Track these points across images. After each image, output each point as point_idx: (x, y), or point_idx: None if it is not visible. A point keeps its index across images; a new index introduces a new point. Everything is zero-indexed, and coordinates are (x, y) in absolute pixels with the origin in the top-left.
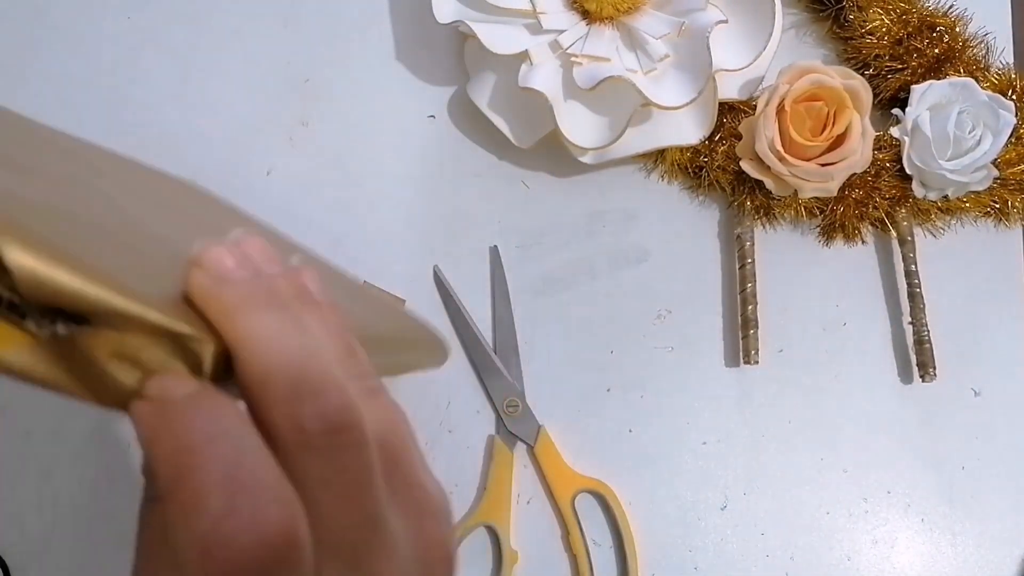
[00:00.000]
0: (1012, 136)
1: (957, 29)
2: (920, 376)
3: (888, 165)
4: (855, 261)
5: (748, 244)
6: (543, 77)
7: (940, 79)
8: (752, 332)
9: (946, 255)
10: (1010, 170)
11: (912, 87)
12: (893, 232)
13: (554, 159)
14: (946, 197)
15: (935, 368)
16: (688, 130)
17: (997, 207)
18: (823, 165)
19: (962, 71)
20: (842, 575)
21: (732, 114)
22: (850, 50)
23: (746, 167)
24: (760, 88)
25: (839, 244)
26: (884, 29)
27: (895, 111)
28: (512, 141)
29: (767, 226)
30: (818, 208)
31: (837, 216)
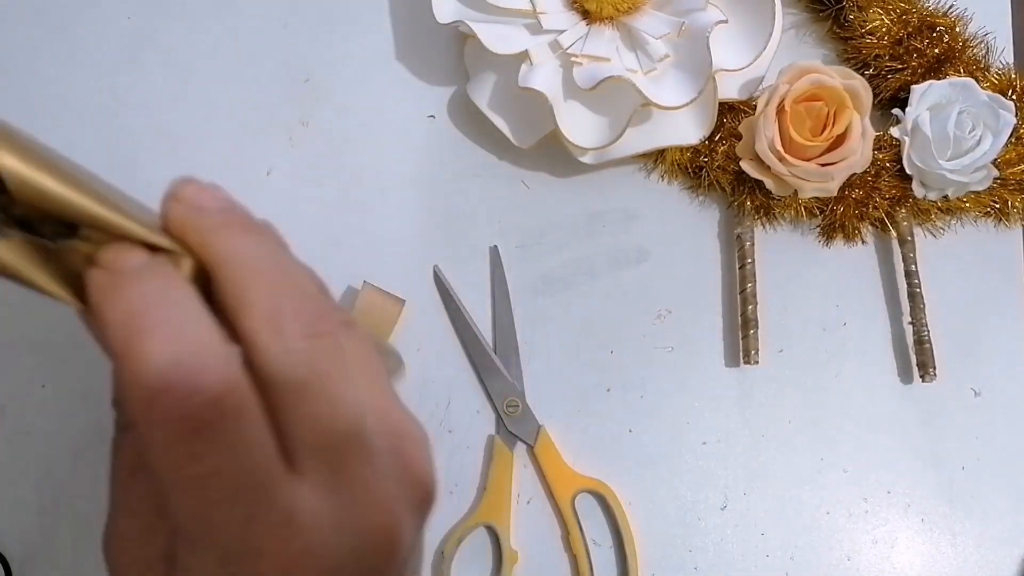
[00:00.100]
0: (1012, 136)
1: (957, 29)
2: (920, 376)
3: (888, 165)
4: (855, 261)
5: (748, 244)
6: (543, 77)
7: (940, 79)
8: (752, 332)
9: (946, 255)
10: (1010, 170)
11: (912, 87)
12: (893, 232)
13: (554, 159)
14: (946, 197)
15: (935, 368)
16: (688, 130)
17: (997, 207)
18: (823, 165)
19: (962, 71)
20: (842, 575)
21: (732, 114)
22: (850, 50)
23: (746, 167)
24: (760, 88)
25: (839, 244)
26: (884, 29)
27: (895, 111)
28: (512, 141)
29: (767, 226)
30: (818, 208)
31: (837, 216)
